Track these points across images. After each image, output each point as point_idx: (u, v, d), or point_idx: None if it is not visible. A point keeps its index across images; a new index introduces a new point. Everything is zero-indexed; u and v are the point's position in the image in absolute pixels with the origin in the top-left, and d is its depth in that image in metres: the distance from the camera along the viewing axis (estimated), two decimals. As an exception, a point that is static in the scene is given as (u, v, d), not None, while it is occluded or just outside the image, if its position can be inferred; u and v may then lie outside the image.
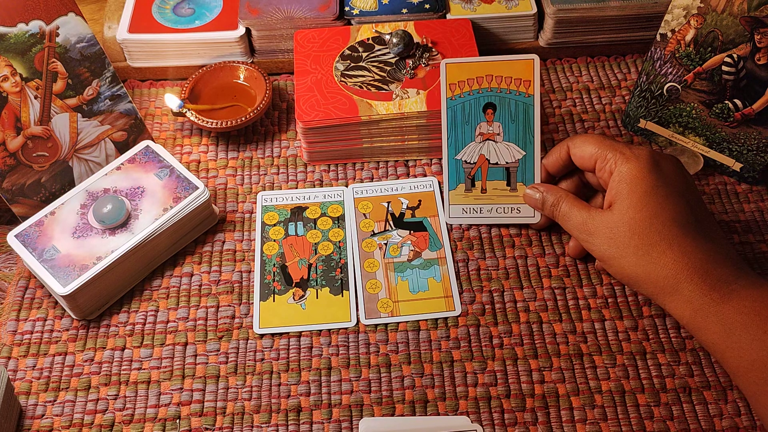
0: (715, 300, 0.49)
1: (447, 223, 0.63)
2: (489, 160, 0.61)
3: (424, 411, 0.53)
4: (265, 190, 0.66)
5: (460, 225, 0.63)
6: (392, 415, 0.53)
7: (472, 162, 0.61)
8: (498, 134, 0.61)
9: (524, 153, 0.60)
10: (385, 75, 0.67)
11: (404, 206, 0.64)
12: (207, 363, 0.56)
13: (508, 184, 0.61)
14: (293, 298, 0.59)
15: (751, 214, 0.63)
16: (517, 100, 0.60)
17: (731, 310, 0.48)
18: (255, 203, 0.65)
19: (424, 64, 0.68)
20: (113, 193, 0.60)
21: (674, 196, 0.52)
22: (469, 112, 0.61)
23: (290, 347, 0.56)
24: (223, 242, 0.63)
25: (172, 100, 0.68)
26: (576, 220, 0.55)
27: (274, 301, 0.59)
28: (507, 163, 0.61)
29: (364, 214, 0.64)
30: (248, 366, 0.55)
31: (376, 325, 0.57)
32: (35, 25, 0.59)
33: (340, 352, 0.56)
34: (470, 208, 0.62)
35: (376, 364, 0.55)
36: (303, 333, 0.57)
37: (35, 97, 0.60)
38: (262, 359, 0.56)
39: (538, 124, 0.60)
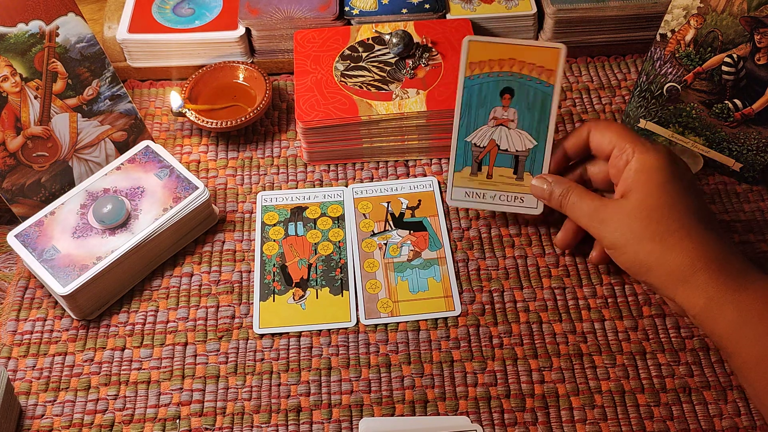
0: (732, 288, 0.49)
1: (448, 205, 0.62)
2: (499, 146, 0.59)
3: (424, 411, 0.53)
4: (265, 190, 0.66)
5: (460, 225, 0.63)
6: (392, 415, 0.53)
7: (481, 146, 0.60)
8: (512, 120, 0.59)
9: (536, 143, 0.59)
10: (385, 75, 0.67)
11: (404, 206, 0.64)
12: (207, 363, 0.56)
13: (515, 173, 0.60)
14: (293, 298, 0.59)
15: (751, 214, 0.63)
16: (536, 89, 0.58)
17: (749, 298, 0.48)
18: (255, 203, 0.65)
19: (424, 64, 0.68)
20: (113, 193, 0.60)
21: (690, 190, 0.53)
22: (486, 95, 0.58)
23: (290, 347, 0.56)
24: (223, 242, 0.63)
25: (176, 98, 0.68)
26: (587, 209, 0.55)
27: (274, 301, 0.59)
28: (517, 150, 0.59)
29: (363, 214, 0.64)
30: (248, 366, 0.55)
31: (376, 325, 0.57)
32: (35, 25, 0.59)
33: (340, 352, 0.56)
34: (473, 192, 0.61)
35: (376, 364, 0.55)
36: (303, 333, 0.57)
37: (35, 97, 0.60)
38: (262, 359, 0.56)
39: (554, 115, 0.58)
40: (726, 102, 0.61)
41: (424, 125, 0.65)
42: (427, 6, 0.74)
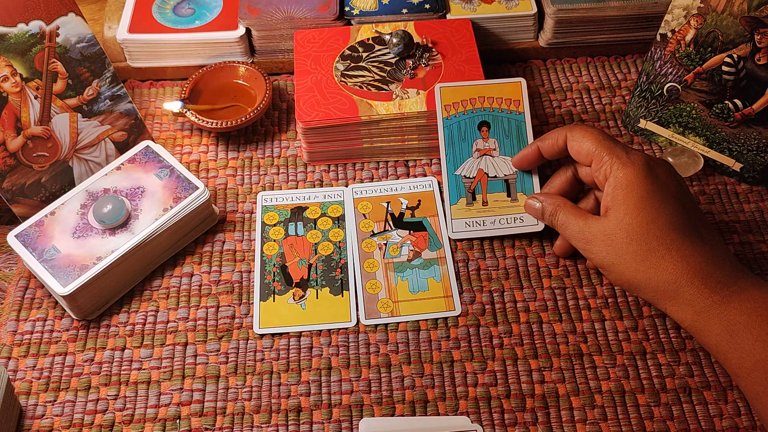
0: (717, 302, 0.49)
1: (451, 239, 0.62)
2: (488, 174, 0.62)
3: (424, 411, 0.53)
4: (265, 190, 0.66)
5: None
6: (392, 415, 0.53)
7: (471, 176, 0.62)
8: (494, 149, 0.63)
9: None
10: (385, 75, 0.67)
11: (404, 206, 0.64)
12: (207, 363, 0.56)
13: (509, 195, 0.61)
14: (293, 298, 0.59)
15: (751, 214, 0.63)
16: (509, 118, 0.63)
17: (733, 312, 0.48)
18: (255, 203, 0.65)
19: (424, 64, 0.68)
20: (113, 193, 0.60)
21: (670, 201, 0.52)
22: (465, 130, 0.63)
23: (290, 347, 0.56)
24: (223, 242, 0.63)
25: (171, 105, 0.68)
26: (573, 229, 0.55)
27: (274, 301, 0.59)
28: (505, 175, 0.62)
29: (363, 215, 0.64)
30: (248, 366, 0.55)
31: (376, 325, 0.57)
32: (35, 25, 0.59)
33: (340, 352, 0.56)
34: (473, 221, 0.62)
35: (376, 364, 0.55)
36: (303, 333, 0.57)
37: (35, 97, 0.60)
38: (262, 359, 0.56)
39: (531, 137, 0.62)
40: (726, 102, 0.61)
41: (424, 125, 0.65)
42: (427, 6, 0.74)
